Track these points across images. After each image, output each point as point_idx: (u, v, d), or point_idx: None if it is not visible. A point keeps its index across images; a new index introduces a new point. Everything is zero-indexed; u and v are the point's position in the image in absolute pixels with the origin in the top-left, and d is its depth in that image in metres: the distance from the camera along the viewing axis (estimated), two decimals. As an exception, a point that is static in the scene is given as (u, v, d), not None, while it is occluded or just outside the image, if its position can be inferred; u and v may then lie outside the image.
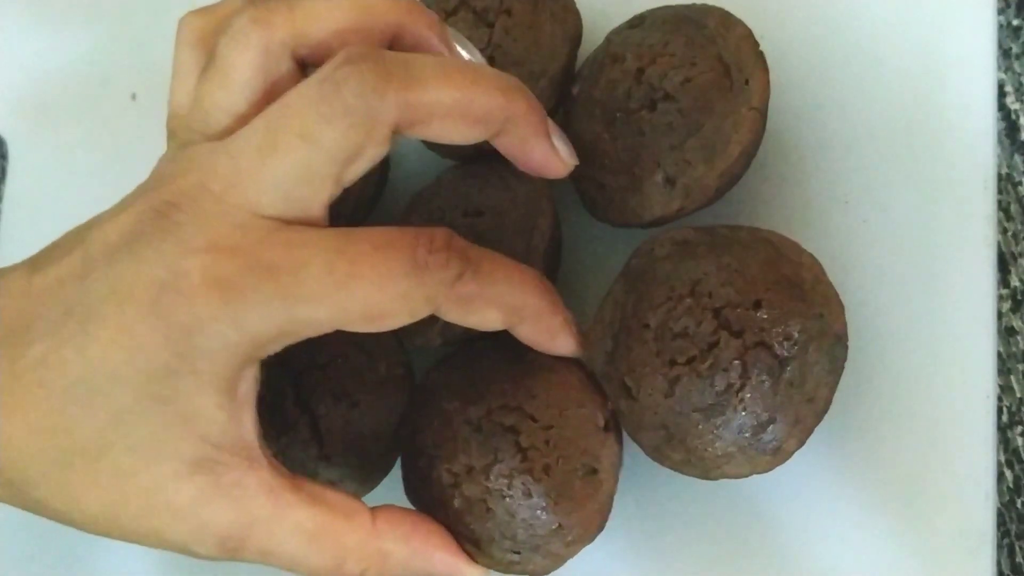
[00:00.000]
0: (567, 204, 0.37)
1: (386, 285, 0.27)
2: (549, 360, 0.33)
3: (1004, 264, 0.36)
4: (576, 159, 0.32)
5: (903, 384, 0.34)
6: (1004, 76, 0.37)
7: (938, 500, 0.33)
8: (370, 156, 0.27)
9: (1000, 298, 0.35)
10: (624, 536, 0.36)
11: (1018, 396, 0.35)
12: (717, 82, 0.34)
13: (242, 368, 0.27)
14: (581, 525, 0.31)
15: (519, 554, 0.31)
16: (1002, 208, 0.36)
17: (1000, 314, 0.35)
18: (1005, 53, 0.37)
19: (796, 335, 0.30)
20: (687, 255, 0.33)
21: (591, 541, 0.32)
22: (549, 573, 0.32)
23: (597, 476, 0.31)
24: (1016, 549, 0.34)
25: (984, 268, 0.34)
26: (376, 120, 0.27)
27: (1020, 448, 0.35)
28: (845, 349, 0.31)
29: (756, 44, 0.34)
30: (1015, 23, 0.37)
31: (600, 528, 0.32)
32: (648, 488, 0.36)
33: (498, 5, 0.37)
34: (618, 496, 0.32)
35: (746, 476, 0.31)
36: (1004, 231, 0.36)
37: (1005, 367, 0.35)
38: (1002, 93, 0.37)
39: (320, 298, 0.26)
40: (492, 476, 0.31)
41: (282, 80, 0.28)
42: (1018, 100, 0.37)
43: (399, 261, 0.27)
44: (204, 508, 0.27)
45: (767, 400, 0.30)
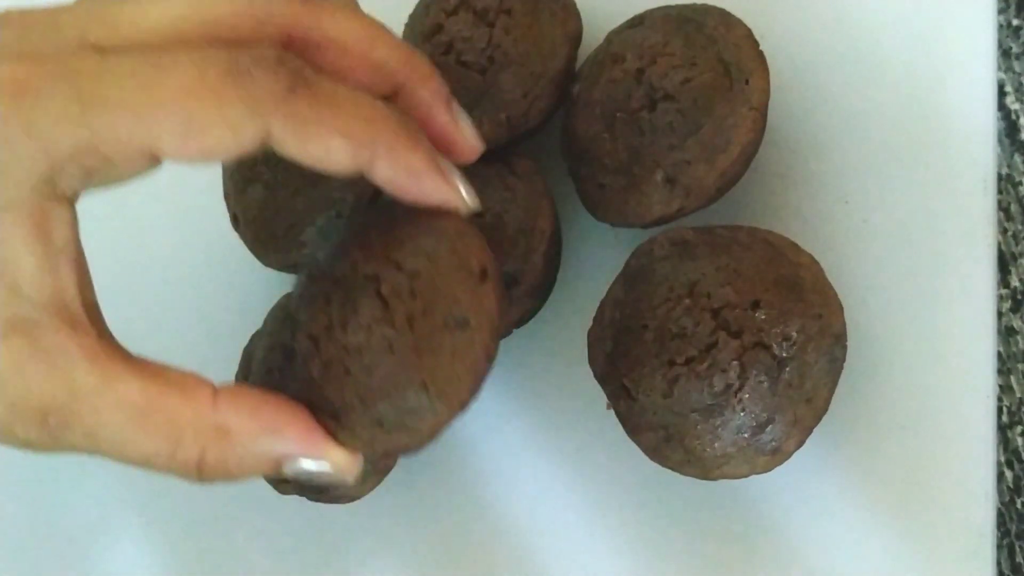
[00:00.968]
0: (567, 204, 0.37)
1: (200, 91, 0.23)
2: (427, 210, 0.29)
3: (1004, 264, 0.36)
4: (481, 145, 0.30)
5: (903, 384, 0.34)
6: (1004, 76, 0.37)
7: (938, 500, 0.33)
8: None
9: (1000, 298, 0.35)
10: (624, 536, 0.36)
11: (1018, 396, 0.35)
12: (717, 82, 0.34)
13: (47, 199, 0.24)
14: (449, 384, 0.27)
15: (381, 426, 0.27)
16: (1002, 208, 0.36)
17: (1000, 314, 0.35)
18: (1005, 53, 0.37)
19: (795, 335, 0.30)
20: (686, 256, 0.33)
21: (462, 409, 0.27)
22: (416, 448, 0.27)
23: (468, 329, 0.27)
24: (1016, 549, 0.34)
25: (984, 268, 0.34)
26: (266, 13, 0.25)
27: (1020, 448, 0.35)
28: (844, 349, 0.31)
29: (756, 44, 0.34)
30: (1015, 23, 0.37)
31: (473, 393, 0.27)
32: (648, 488, 0.36)
33: (498, 5, 0.37)
34: (618, 496, 0.32)
35: (745, 476, 0.31)
36: (1004, 231, 0.36)
37: (1005, 367, 0.35)
38: (1002, 93, 0.37)
39: (122, 103, 0.23)
40: (349, 331, 0.27)
41: None
42: (1018, 100, 0.37)
43: (216, 65, 0.24)
44: (20, 375, 0.24)
45: (766, 400, 0.30)
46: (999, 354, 0.34)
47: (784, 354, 0.30)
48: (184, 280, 0.42)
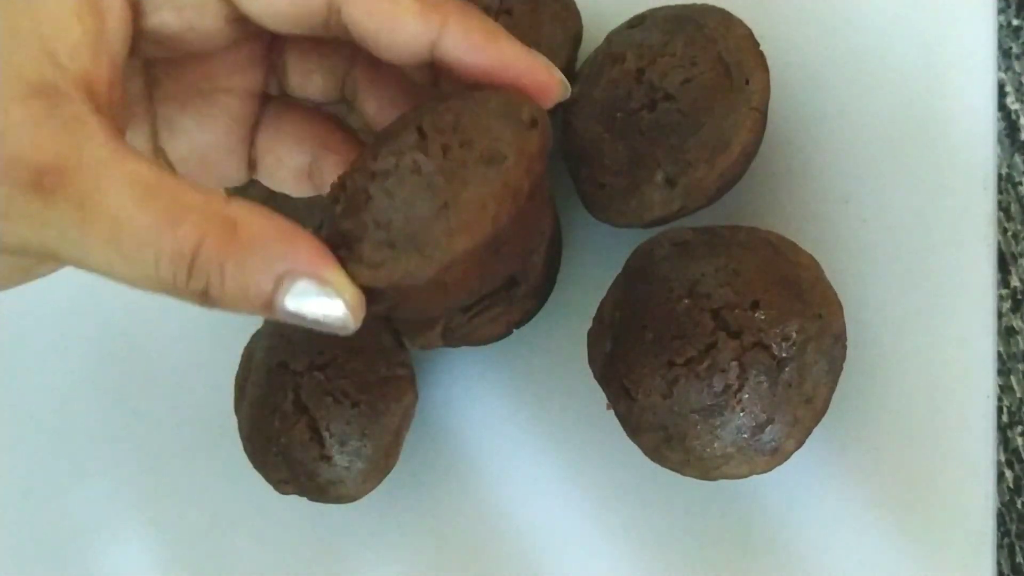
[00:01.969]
0: (567, 204, 0.37)
1: None
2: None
3: (1004, 264, 0.36)
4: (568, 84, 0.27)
5: (903, 384, 0.34)
6: (1004, 76, 0.37)
7: (938, 500, 0.33)
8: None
9: (1000, 298, 0.35)
10: (624, 536, 0.36)
11: (1018, 396, 0.35)
12: (717, 82, 0.34)
13: None
14: (470, 211, 0.25)
15: (393, 247, 0.25)
16: (1002, 208, 0.36)
17: (1000, 314, 0.35)
18: (1005, 53, 0.37)
19: (794, 335, 0.30)
20: (686, 256, 0.33)
21: (478, 241, 0.24)
22: (425, 275, 0.24)
23: (504, 164, 0.25)
24: (1016, 549, 0.34)
25: (984, 268, 0.34)
26: None
27: (1020, 448, 0.35)
28: (844, 349, 0.31)
29: (756, 44, 0.34)
30: (1015, 23, 0.37)
31: (495, 225, 0.25)
32: (648, 488, 0.36)
33: (498, 5, 0.37)
34: (618, 496, 0.32)
35: (745, 476, 0.31)
36: (1004, 231, 0.36)
37: (1005, 367, 0.35)
38: (1002, 93, 0.37)
39: None
40: (380, 157, 0.26)
41: None
42: (1018, 100, 0.37)
43: None
44: (29, 131, 0.22)
45: (765, 401, 0.30)
46: (999, 354, 0.34)
47: (784, 354, 0.30)
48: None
